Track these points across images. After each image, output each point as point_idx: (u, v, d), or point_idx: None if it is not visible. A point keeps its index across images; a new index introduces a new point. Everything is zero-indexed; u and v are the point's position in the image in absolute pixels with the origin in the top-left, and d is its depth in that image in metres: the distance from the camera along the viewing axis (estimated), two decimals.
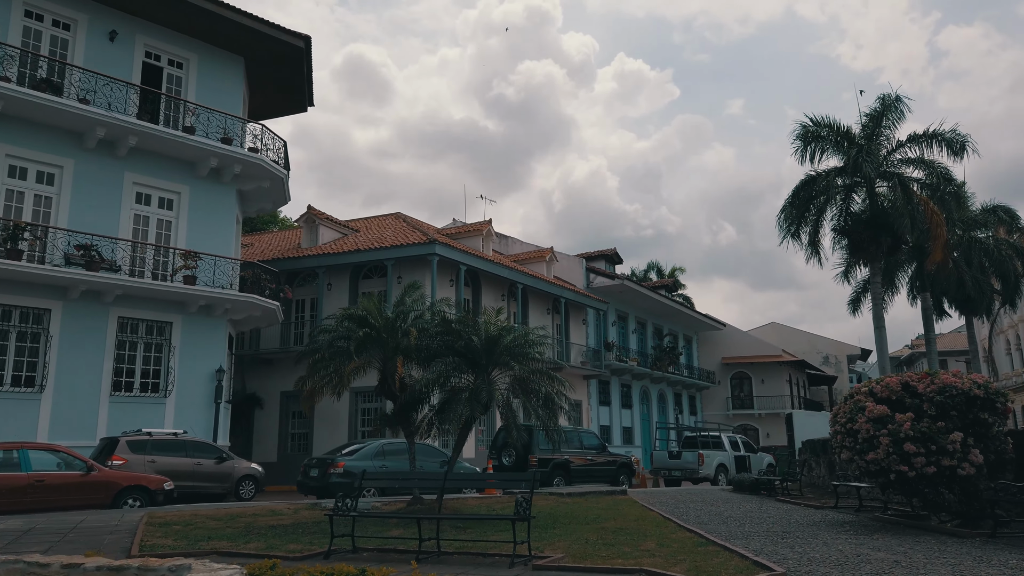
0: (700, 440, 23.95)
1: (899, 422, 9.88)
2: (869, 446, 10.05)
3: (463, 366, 11.64)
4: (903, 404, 10.21)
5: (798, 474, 16.87)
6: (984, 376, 10.25)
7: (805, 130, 28.79)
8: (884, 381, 10.51)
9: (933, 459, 9.60)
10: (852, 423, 10.34)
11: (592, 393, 36.17)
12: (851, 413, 10.48)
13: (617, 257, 40.62)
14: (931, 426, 9.75)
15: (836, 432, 10.78)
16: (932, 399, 9.93)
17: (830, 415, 11.25)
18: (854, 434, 10.30)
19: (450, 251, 27.06)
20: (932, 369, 10.37)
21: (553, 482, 19.92)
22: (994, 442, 9.89)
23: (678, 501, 15.67)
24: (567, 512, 12.76)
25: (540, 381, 12.14)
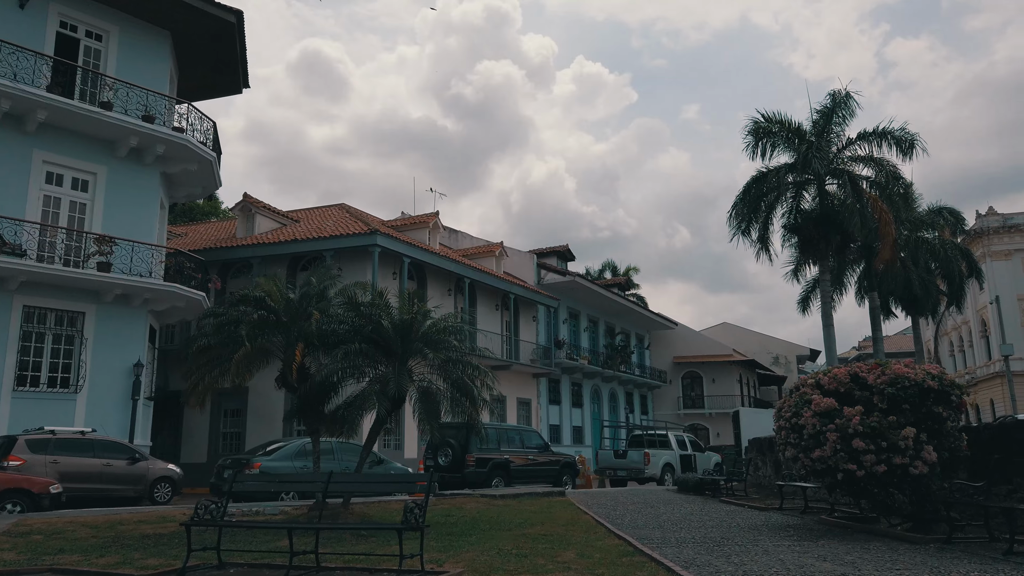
0: (646, 439, 22.97)
1: (847, 416, 8.90)
2: (815, 443, 9.05)
3: (376, 355, 10.35)
4: (852, 397, 9.24)
5: (744, 473, 15.94)
6: (938, 367, 9.36)
7: (756, 126, 28.10)
8: (832, 372, 9.54)
9: (884, 457, 8.63)
10: (797, 418, 9.34)
11: (542, 392, 35.07)
12: (796, 407, 9.47)
13: (569, 254, 39.61)
14: (882, 421, 8.78)
15: (780, 428, 9.78)
16: (883, 391, 8.97)
17: (774, 410, 10.27)
18: (799, 430, 9.30)
19: (393, 242, 25.70)
20: (883, 360, 9.45)
21: (492, 483, 18.73)
22: (948, 439, 8.97)
23: (617, 503, 14.60)
24: (493, 516, 11.56)
25: (460, 372, 10.90)
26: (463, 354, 10.94)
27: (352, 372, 10.12)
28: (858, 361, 12.97)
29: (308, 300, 10.47)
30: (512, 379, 32.70)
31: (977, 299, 46.93)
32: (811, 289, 34.58)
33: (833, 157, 27.77)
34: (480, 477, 18.42)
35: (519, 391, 33.22)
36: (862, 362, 9.67)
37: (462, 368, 10.87)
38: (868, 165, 27.79)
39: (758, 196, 28.55)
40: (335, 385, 10.18)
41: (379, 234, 25.27)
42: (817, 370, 10.11)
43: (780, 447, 9.94)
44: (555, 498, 15.07)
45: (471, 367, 11.11)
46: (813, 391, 9.53)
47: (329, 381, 10.02)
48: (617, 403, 41.70)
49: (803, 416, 9.26)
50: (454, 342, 10.75)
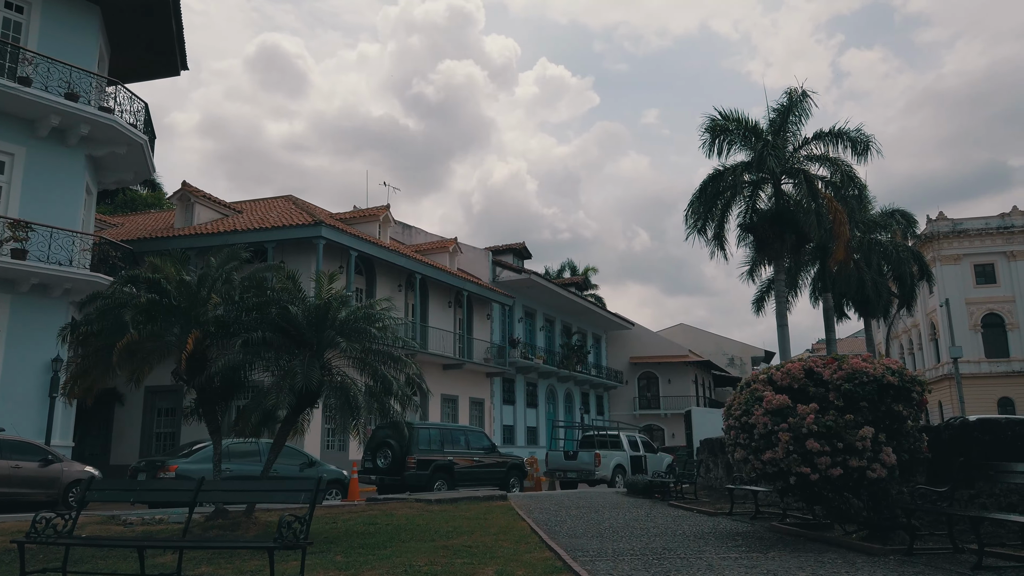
0: (597, 440, 22.06)
1: (801, 415, 8.03)
2: (767, 443, 8.17)
3: (287, 346, 9.20)
4: (807, 394, 8.38)
5: (694, 475, 15.10)
6: (898, 362, 8.55)
7: (713, 123, 27.49)
8: (786, 367, 8.68)
9: (839, 459, 7.78)
10: (748, 416, 8.45)
11: (495, 391, 34.04)
12: (747, 405, 8.59)
13: (526, 252, 38.63)
14: (838, 419, 7.93)
15: (730, 427, 8.88)
16: (839, 388, 8.12)
17: (724, 408, 9.39)
18: (750, 429, 8.42)
19: (339, 235, 24.43)
20: (839, 355, 8.62)
21: (434, 486, 17.63)
22: (908, 439, 8.17)
23: (561, 507, 13.62)
24: (422, 524, 10.47)
25: (381, 365, 9.81)
26: (385, 345, 9.83)
27: (257, 364, 8.94)
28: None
29: (208, 284, 9.25)
30: (465, 378, 31.63)
31: (927, 303, 47.22)
32: (766, 289, 34.20)
33: (789, 156, 27.30)
34: (421, 480, 17.32)
35: (472, 391, 32.14)
36: (817, 356, 8.83)
37: (384, 361, 9.77)
38: (824, 165, 27.39)
39: (714, 194, 27.96)
40: (237, 379, 8.99)
41: (324, 226, 24.01)
42: (769, 366, 9.24)
43: (729, 448, 9.04)
44: (496, 503, 14.03)
45: (394, 360, 10.00)
46: (765, 387, 8.65)
47: (228, 374, 8.83)
48: (573, 403, 40.85)
49: (754, 414, 8.37)
50: (374, 331, 9.62)
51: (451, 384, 30.73)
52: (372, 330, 9.52)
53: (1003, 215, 47.46)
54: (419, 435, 17.75)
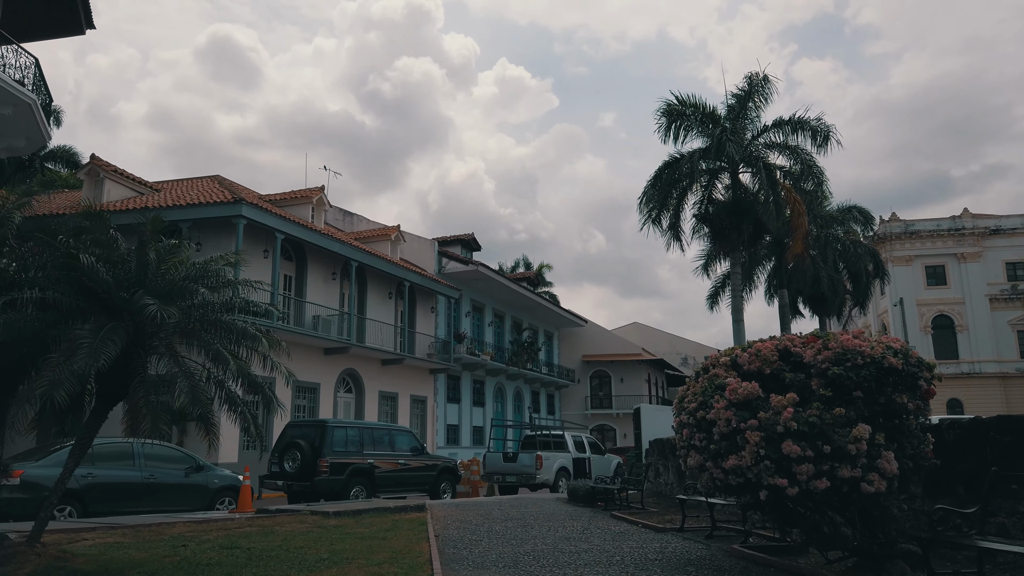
0: (540, 440, 19.86)
1: (776, 408, 5.92)
2: (730, 446, 6.05)
3: (95, 312, 6.75)
4: (782, 381, 6.28)
5: (642, 480, 12.97)
6: (901, 340, 6.52)
7: (669, 107, 25.60)
8: (754, 346, 6.59)
9: (826, 467, 5.70)
10: (705, 410, 6.32)
11: (439, 389, 31.64)
12: (704, 395, 6.45)
13: (475, 243, 36.31)
14: (823, 415, 5.84)
15: (682, 425, 6.74)
16: (825, 373, 6.04)
17: (675, 400, 7.26)
18: (708, 427, 6.29)
19: (261, 214, 21.82)
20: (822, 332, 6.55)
21: (350, 492, 15.23)
22: (912, 440, 6.14)
23: (487, 519, 11.37)
24: (293, 549, 8.12)
25: (218, 340, 7.43)
26: (225, 313, 7.43)
27: (54, 338, 6.46)
28: None
29: None
30: (406, 374, 29.20)
31: (878, 303, 46.22)
32: (721, 284, 32.48)
33: (748, 144, 25.57)
34: (335, 486, 14.90)
35: (413, 388, 29.71)
36: (795, 334, 6.73)
37: (222, 334, 7.40)
38: (783, 153, 25.73)
39: (670, 182, 26.08)
40: (26, 356, 6.52)
41: (245, 204, 21.39)
42: (733, 347, 7.11)
43: (681, 451, 6.90)
44: (409, 515, 11.69)
45: (238, 333, 7.63)
46: (727, 373, 6.52)
47: (15, 350, 6.38)
48: (522, 402, 38.65)
49: (713, 408, 6.22)
50: (203, 291, 7.21)
51: (390, 380, 28.27)
52: (201, 290, 7.10)
53: (954, 217, 46.79)
54: (334, 435, 15.33)
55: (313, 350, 24.67)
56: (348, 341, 25.23)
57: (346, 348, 25.11)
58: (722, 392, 6.24)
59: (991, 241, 45.67)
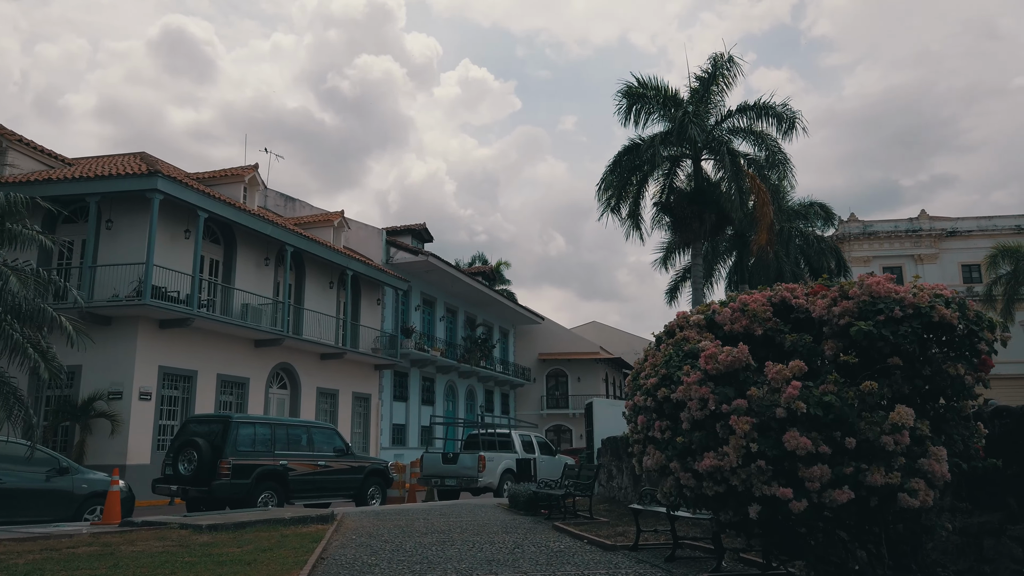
0: (484, 439, 17.70)
1: (774, 382, 3.92)
2: (707, 438, 4.03)
3: None
4: (778, 347, 4.29)
5: (591, 485, 10.91)
6: (950, 288, 4.52)
7: (630, 89, 23.78)
8: (741, 300, 4.57)
9: (849, 470, 3.72)
10: (670, 386, 4.28)
11: (385, 386, 29.27)
12: (669, 365, 4.41)
13: (427, 234, 34.02)
14: (844, 391, 3.85)
15: (637, 409, 4.68)
16: (845, 330, 4.05)
17: (628, 378, 5.16)
18: (674, 412, 4.26)
19: (181, 189, 19.28)
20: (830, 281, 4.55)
21: (258, 499, 12.91)
22: (962, 431, 4.19)
23: (402, 532, 9.22)
24: (126, 575, 5.87)
25: None
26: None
27: None
28: None
29: None
30: (347, 370, 26.80)
31: None
32: (681, 278, 30.77)
33: (711, 129, 23.86)
34: (238, 491, 12.56)
35: (356, 384, 27.31)
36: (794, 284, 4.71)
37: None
38: (748, 139, 24.07)
39: (630, 169, 24.23)
40: None
41: (160, 177, 18.86)
42: (709, 303, 5.04)
43: (635, 447, 4.84)
44: (309, 527, 9.45)
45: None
46: (702, 335, 4.51)
47: None
48: (475, 401, 36.45)
49: (683, 383, 4.18)
50: None
51: (330, 376, 25.84)
52: None
53: (911, 219, 46.05)
54: (239, 432, 12.97)
55: (242, 341, 22.19)
56: (281, 332, 22.78)
57: (279, 340, 22.66)
58: (695, 360, 4.20)
59: (947, 243, 45.03)
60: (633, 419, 4.80)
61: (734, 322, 4.39)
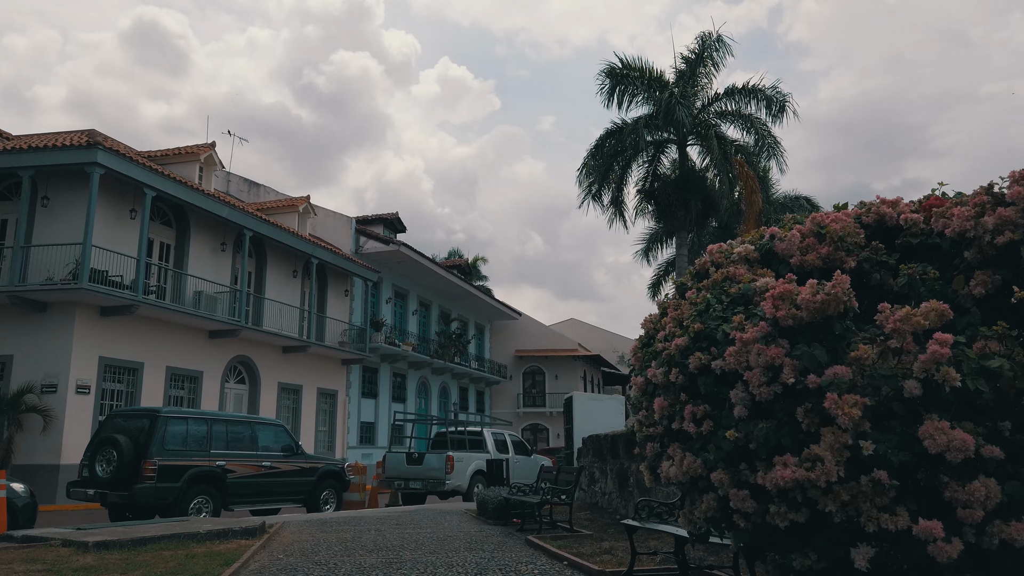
0: (453, 438, 15.93)
1: (897, 335, 2.28)
2: (777, 435, 2.38)
3: None
4: (878, 287, 2.64)
5: (572, 490, 9.20)
6: None
7: (612, 69, 22.21)
8: (814, 219, 2.93)
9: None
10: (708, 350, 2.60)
11: (353, 382, 27.37)
12: (706, 317, 2.74)
13: (400, 224, 32.14)
14: (1018, 353, 2.24)
15: (651, 390, 3.01)
16: (1008, 251, 2.42)
17: (634, 344, 3.46)
18: (716, 390, 2.59)
19: (124, 164, 17.28)
20: None
21: (190, 506, 11.05)
22: None
23: (345, 549, 7.45)
24: None
25: None
26: None
27: None
28: None
29: None
30: (312, 364, 24.88)
31: None
32: (664, 272, 29.32)
33: (698, 112, 22.37)
34: (164, 496, 10.67)
35: (322, 380, 25.39)
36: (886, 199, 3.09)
37: None
38: (736, 123, 22.60)
39: (612, 153, 22.66)
40: None
41: (100, 149, 16.86)
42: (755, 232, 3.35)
43: (646, 445, 3.16)
44: (230, 542, 7.63)
45: None
46: (753, 271, 2.84)
47: None
48: (448, 398, 34.64)
49: (734, 341, 2.51)
50: None
51: (293, 371, 23.91)
52: None
53: None
54: (168, 428, 11.08)
55: (195, 332, 20.22)
56: (238, 323, 20.83)
57: (236, 331, 20.71)
58: (752, 307, 2.53)
59: None
60: (642, 404, 3.13)
61: (807, 251, 2.76)
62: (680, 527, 5.24)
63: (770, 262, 2.92)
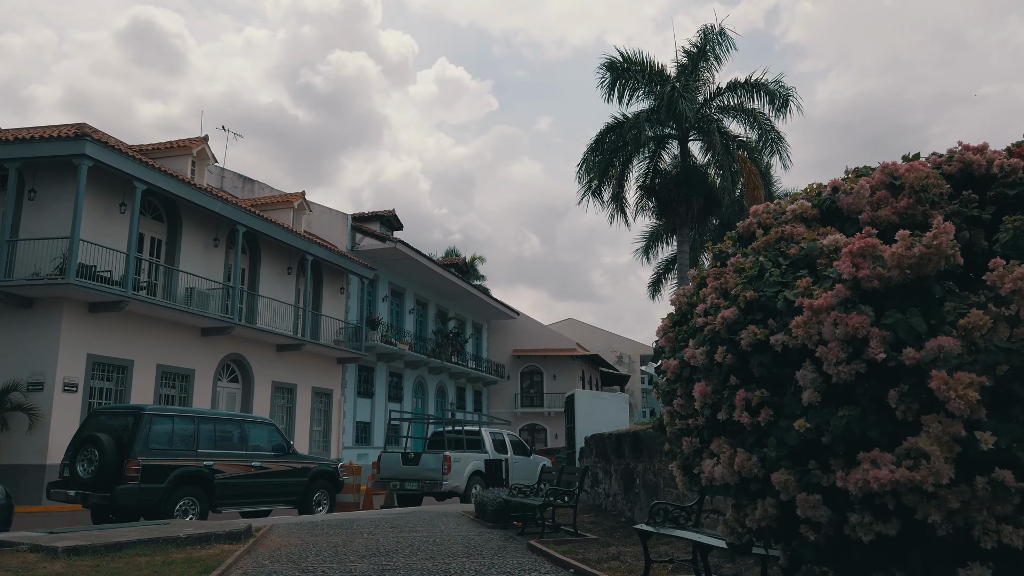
0: (451, 438, 15.41)
1: (1020, 295, 1.81)
2: (862, 424, 1.89)
3: None
4: (967, 248, 2.16)
5: (575, 492, 8.70)
6: None
7: (613, 63, 21.71)
8: (884, 168, 2.46)
9: None
10: (763, 323, 2.11)
11: (348, 381, 26.82)
12: (759, 283, 2.25)
13: (396, 221, 31.61)
14: None
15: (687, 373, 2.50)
16: None
17: (663, 322, 2.97)
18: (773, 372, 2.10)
19: (113, 156, 16.75)
20: None
21: (175, 507, 10.52)
22: None
23: (335, 555, 6.93)
24: None
25: None
26: None
27: None
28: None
29: None
30: (307, 363, 24.34)
31: None
32: (664, 270, 28.85)
33: (700, 107, 21.89)
34: (151, 498, 10.15)
35: (317, 379, 24.85)
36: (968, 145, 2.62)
37: None
38: (738, 118, 22.12)
39: (613, 149, 22.17)
40: None
41: (89, 141, 16.34)
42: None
43: (681, 441, 2.66)
44: (212, 547, 7.11)
45: None
46: (813, 229, 2.35)
47: None
48: (445, 398, 34.10)
49: (803, 309, 1.98)
50: None
51: (288, 370, 23.37)
52: None
53: None
54: (153, 427, 10.55)
55: (186, 329, 19.67)
56: (231, 320, 20.28)
57: (229, 328, 20.17)
58: (818, 271, 2.02)
59: None
60: (676, 391, 2.61)
61: (880, 205, 2.26)
62: (701, 534, 4.73)
63: (832, 220, 2.43)
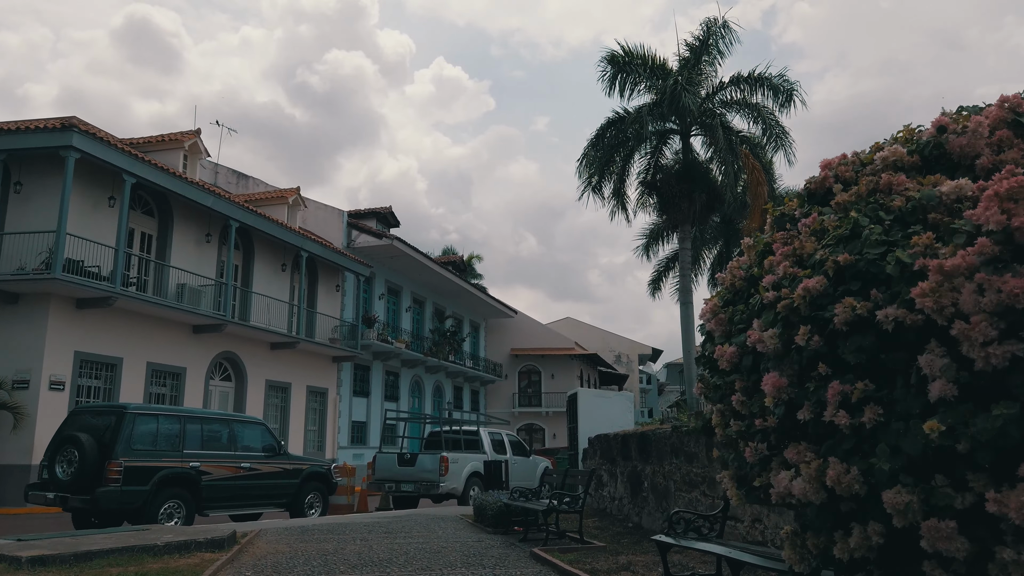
0: (448, 438, 14.87)
1: None
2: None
3: None
4: None
5: (581, 496, 8.17)
6: None
7: (614, 56, 21.19)
8: (1005, 101, 1.98)
9: None
10: (864, 294, 1.57)
11: (344, 380, 26.26)
12: (849, 243, 1.70)
13: (393, 218, 31.04)
14: None
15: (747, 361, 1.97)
16: None
17: (707, 301, 2.46)
18: (874, 357, 1.56)
19: (101, 148, 16.18)
20: None
21: (159, 511, 9.97)
22: None
23: (323, 564, 6.40)
24: None
25: None
26: None
27: None
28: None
29: None
30: (302, 361, 23.78)
31: None
32: (664, 268, 28.35)
33: (703, 101, 21.39)
34: (134, 501, 9.60)
35: (312, 378, 24.28)
36: None
37: None
38: (741, 113, 21.64)
39: (613, 144, 21.65)
40: None
41: (76, 132, 15.79)
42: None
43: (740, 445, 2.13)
44: (191, 556, 6.56)
45: None
46: (916, 178, 1.84)
47: None
48: (443, 397, 33.54)
49: (931, 271, 1.46)
50: None
51: (282, 368, 22.81)
52: None
53: None
54: (136, 426, 9.99)
55: (178, 326, 19.10)
56: (224, 317, 19.70)
57: (221, 325, 19.59)
58: (943, 217, 1.51)
59: None
60: (732, 385, 2.08)
61: (1002, 147, 1.75)
62: (730, 547, 4.20)
63: (937, 167, 1.92)
